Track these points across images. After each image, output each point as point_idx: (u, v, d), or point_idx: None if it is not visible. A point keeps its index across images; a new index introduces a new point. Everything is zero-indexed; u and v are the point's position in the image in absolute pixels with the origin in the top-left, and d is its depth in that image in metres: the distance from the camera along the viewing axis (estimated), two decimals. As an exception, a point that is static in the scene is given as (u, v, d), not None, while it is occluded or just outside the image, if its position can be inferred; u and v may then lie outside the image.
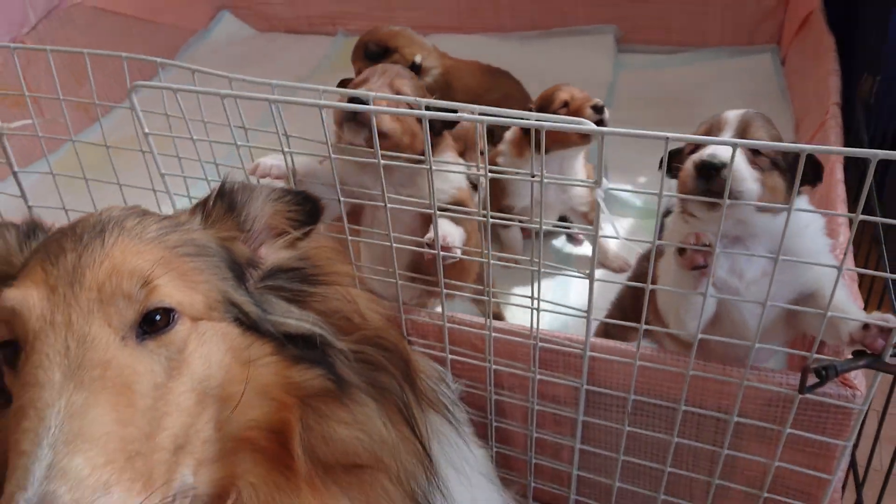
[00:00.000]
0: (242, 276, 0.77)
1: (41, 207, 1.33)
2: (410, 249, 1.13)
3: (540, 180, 0.88)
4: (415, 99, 0.94)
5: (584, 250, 2.04)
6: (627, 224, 2.07)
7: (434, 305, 1.39)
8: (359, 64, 2.25)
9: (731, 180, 0.85)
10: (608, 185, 0.87)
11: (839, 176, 1.49)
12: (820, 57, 2.06)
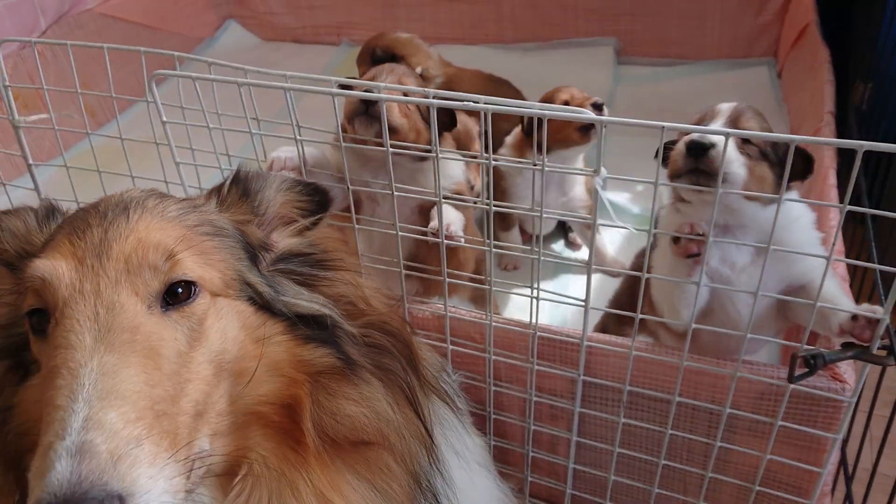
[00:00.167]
0: (256, 258, 0.81)
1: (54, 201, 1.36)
2: (409, 241, 1.16)
3: (541, 168, 0.92)
4: (423, 90, 0.98)
5: (582, 254, 2.07)
6: (625, 231, 2.10)
7: (434, 301, 1.42)
8: (364, 67, 2.29)
9: (720, 163, 0.88)
10: (606, 174, 0.90)
11: (832, 181, 1.52)
12: (815, 68, 2.10)
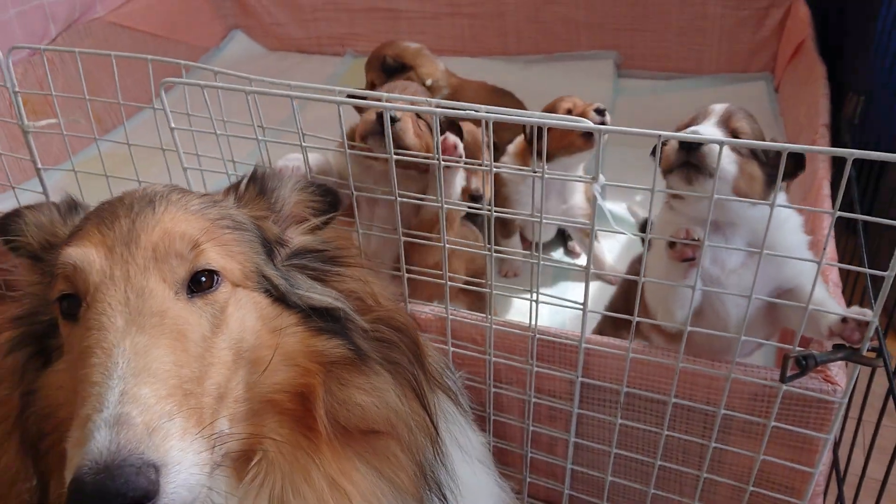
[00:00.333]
0: (272, 252, 0.85)
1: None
2: (404, 244, 1.19)
3: (542, 175, 0.95)
4: (426, 99, 1.02)
5: (580, 261, 2.10)
6: (623, 239, 2.14)
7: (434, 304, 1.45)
8: (372, 74, 2.32)
9: (710, 159, 0.92)
10: (604, 181, 0.93)
11: (826, 192, 1.56)
12: (811, 83, 2.15)
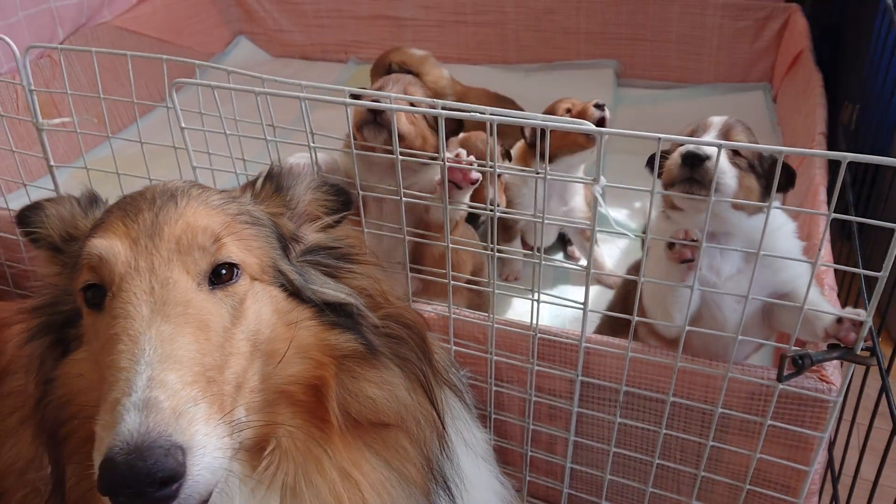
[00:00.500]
0: (287, 248, 0.87)
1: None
2: (411, 242, 1.22)
3: (544, 176, 0.98)
4: (431, 100, 1.04)
5: (580, 264, 2.13)
6: (623, 245, 2.17)
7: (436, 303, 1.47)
8: (377, 79, 2.35)
9: (713, 172, 0.94)
10: (605, 182, 0.96)
11: (822, 198, 1.59)
12: (808, 92, 2.18)
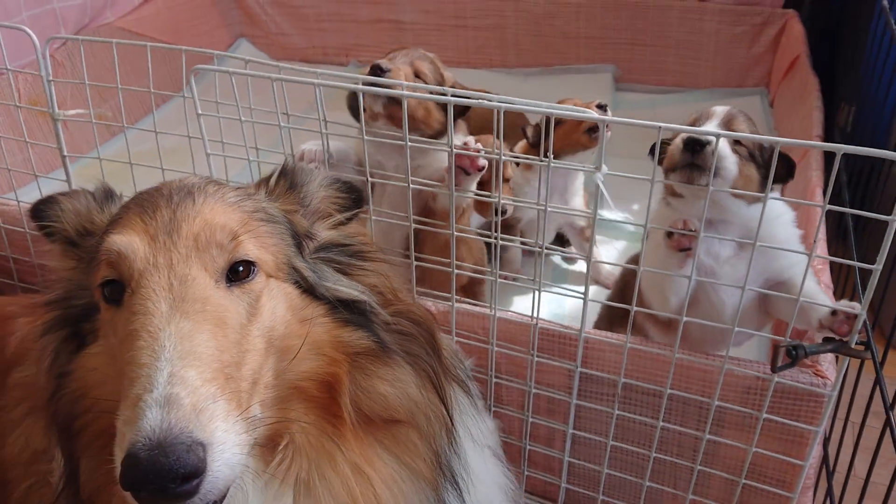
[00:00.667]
0: (300, 245, 0.88)
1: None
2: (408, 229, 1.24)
3: (548, 164, 1.00)
4: (441, 88, 1.06)
5: (579, 267, 2.15)
6: (620, 246, 2.18)
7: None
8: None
9: (715, 158, 0.96)
10: (606, 171, 0.98)
11: (819, 199, 1.61)
12: (805, 96, 2.21)
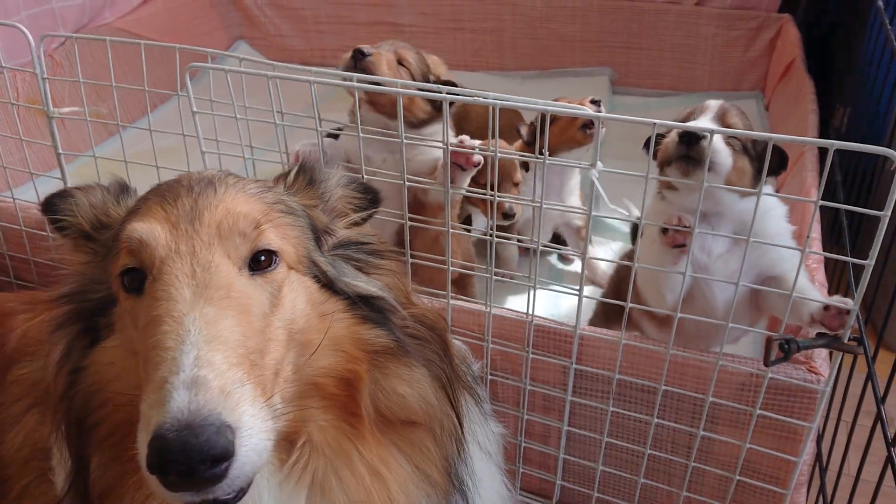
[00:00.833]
0: (319, 240, 0.88)
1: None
2: (397, 223, 1.25)
3: (544, 160, 1.01)
4: (436, 86, 1.07)
5: (574, 267, 2.16)
6: (616, 247, 2.19)
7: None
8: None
9: (709, 152, 0.97)
10: (602, 167, 0.99)
11: (813, 197, 1.62)
12: (800, 99, 2.22)
